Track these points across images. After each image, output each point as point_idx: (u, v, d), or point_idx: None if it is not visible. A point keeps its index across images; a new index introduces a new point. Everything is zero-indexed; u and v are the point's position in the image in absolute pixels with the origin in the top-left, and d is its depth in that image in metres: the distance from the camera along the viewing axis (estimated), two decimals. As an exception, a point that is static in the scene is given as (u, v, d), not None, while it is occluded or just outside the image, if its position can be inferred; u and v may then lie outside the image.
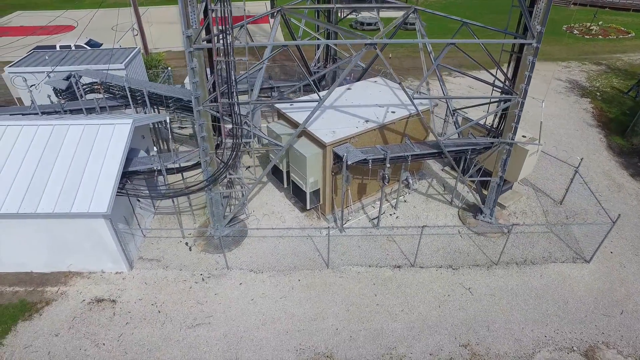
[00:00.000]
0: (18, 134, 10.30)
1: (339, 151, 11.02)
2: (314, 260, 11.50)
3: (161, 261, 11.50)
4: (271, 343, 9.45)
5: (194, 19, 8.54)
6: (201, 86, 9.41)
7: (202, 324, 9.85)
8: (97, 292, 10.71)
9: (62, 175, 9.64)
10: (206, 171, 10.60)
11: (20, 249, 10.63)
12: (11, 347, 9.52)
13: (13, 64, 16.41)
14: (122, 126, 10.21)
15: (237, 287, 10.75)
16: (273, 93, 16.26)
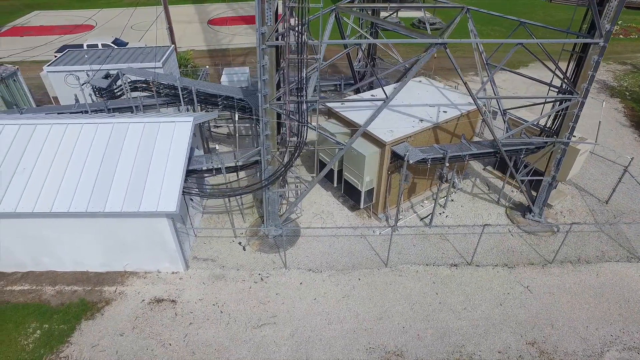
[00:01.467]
0: (79, 132, 10.21)
1: (398, 150, 11.06)
2: (370, 259, 11.51)
3: (216, 261, 11.47)
4: (340, 342, 9.44)
5: (269, 16, 8.52)
6: (270, 84, 9.39)
7: (267, 324, 9.82)
8: (156, 292, 10.64)
9: (126, 174, 9.55)
10: (266, 170, 10.59)
11: (79, 248, 10.52)
12: (79, 346, 9.44)
13: (51, 63, 16.27)
14: (183, 124, 10.14)
15: (298, 286, 10.73)
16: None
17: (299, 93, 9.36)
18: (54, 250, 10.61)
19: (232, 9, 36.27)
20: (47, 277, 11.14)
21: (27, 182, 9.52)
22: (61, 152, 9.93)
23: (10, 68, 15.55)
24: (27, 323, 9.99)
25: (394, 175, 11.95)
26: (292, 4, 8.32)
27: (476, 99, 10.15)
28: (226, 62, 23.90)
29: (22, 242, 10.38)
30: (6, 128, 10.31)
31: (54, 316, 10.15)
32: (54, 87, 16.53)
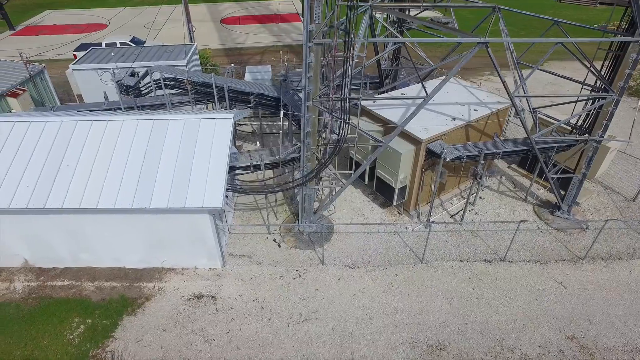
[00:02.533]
0: (119, 129, 10.28)
1: (434, 147, 11.18)
2: (405, 255, 11.62)
3: (252, 257, 11.54)
4: (383, 337, 9.55)
5: (317, 14, 8.61)
6: (314, 81, 9.48)
7: (309, 319, 9.91)
8: (195, 288, 10.72)
9: (169, 170, 9.62)
10: (305, 167, 10.69)
11: (118, 244, 10.60)
12: (124, 341, 9.52)
13: (76, 62, 16.32)
14: (224, 121, 10.21)
15: (336, 282, 10.83)
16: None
17: (342, 90, 9.48)
18: (94, 246, 10.66)
19: (244, 8, 36.38)
20: (86, 273, 11.20)
21: (71, 178, 9.58)
22: (103, 148, 9.99)
23: (37, 66, 15.61)
24: (70, 318, 10.06)
25: (426, 172, 12.13)
26: (340, 2, 8.43)
27: (513, 98, 10.28)
28: (243, 61, 23.98)
29: (63, 238, 10.44)
30: (48, 125, 10.36)
31: (96, 311, 10.24)
32: (79, 85, 16.61)
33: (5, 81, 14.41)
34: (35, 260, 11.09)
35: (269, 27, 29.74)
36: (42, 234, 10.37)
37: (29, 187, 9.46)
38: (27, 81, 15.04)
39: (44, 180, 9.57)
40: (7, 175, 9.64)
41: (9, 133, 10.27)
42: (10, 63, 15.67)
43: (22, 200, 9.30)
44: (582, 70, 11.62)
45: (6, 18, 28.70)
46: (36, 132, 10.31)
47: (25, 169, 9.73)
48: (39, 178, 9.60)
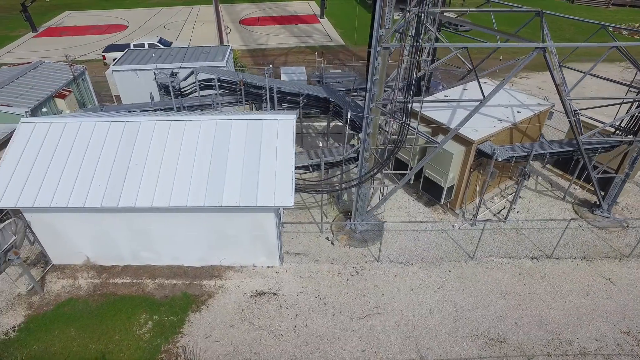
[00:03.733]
0: (183, 129, 10.50)
1: (484, 148, 11.52)
2: (455, 252, 11.95)
3: (308, 255, 11.82)
4: (444, 330, 9.86)
5: (388, 19, 8.89)
6: (379, 84, 9.78)
7: (372, 314, 10.21)
8: (255, 285, 10.98)
9: (237, 169, 9.86)
10: (364, 166, 10.97)
11: (179, 243, 10.84)
12: (193, 337, 9.76)
13: (115, 63, 16.51)
14: (287, 121, 10.48)
15: (393, 278, 11.13)
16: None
17: (406, 93, 9.77)
18: (155, 245, 10.92)
19: (261, 9, 36.64)
20: (146, 271, 11.42)
21: (141, 177, 9.81)
22: (169, 148, 10.21)
23: (79, 68, 15.79)
24: (137, 314, 10.29)
25: (474, 172, 12.48)
26: (412, 8, 8.72)
27: (565, 101, 10.64)
28: (268, 62, 24.26)
29: (126, 236, 10.67)
30: (112, 125, 10.58)
31: (161, 308, 10.46)
32: (118, 86, 16.80)
33: (53, 82, 14.61)
34: (96, 258, 11.31)
35: (288, 28, 30.02)
36: (107, 232, 10.61)
37: (101, 186, 9.68)
38: (71, 82, 15.25)
39: (115, 179, 9.79)
40: (79, 174, 9.86)
41: (76, 133, 10.49)
42: (54, 65, 15.84)
43: (95, 199, 9.52)
44: (612, 71, 12.00)
45: (29, 20, 28.75)
46: (102, 132, 10.51)
47: (95, 168, 9.95)
48: (109, 177, 9.82)
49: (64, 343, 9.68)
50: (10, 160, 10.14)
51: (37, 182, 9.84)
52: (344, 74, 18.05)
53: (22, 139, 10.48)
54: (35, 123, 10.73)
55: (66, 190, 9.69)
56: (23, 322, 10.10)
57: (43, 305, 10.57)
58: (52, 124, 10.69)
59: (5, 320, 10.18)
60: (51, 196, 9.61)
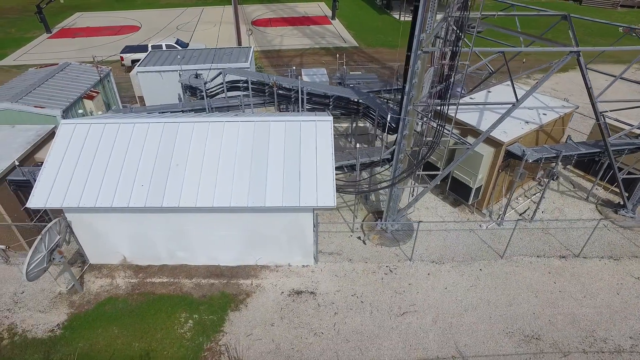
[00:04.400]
0: (222, 130, 10.66)
1: (514, 150, 11.74)
2: (484, 251, 12.15)
3: (342, 254, 12.00)
4: (480, 327, 10.06)
5: (429, 24, 9.09)
6: (417, 87, 9.97)
7: (409, 312, 10.40)
8: (292, 284, 11.15)
9: (278, 170, 10.02)
10: (398, 167, 11.16)
11: (216, 242, 11.01)
12: (234, 335, 9.93)
13: (140, 64, 16.64)
14: (324, 123, 10.65)
15: (426, 277, 11.33)
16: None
17: (443, 96, 9.97)
18: (192, 244, 11.08)
19: (272, 10, 36.79)
20: (182, 271, 11.58)
21: (183, 178, 9.97)
22: (209, 149, 10.37)
23: (105, 69, 15.90)
24: (177, 313, 10.45)
25: (502, 173, 12.69)
26: (453, 14, 8.91)
27: (595, 104, 10.87)
28: (283, 63, 24.44)
29: (165, 236, 10.83)
30: (151, 126, 10.71)
31: (200, 307, 10.63)
32: (142, 87, 16.93)
33: (81, 84, 14.72)
34: (133, 258, 11.46)
35: (301, 30, 30.19)
36: (145, 232, 10.78)
37: (144, 186, 9.83)
38: (98, 83, 15.37)
39: (157, 180, 9.94)
40: (121, 175, 10.02)
41: (116, 134, 10.64)
42: (80, 66, 15.94)
43: (139, 199, 9.67)
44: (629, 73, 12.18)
45: (44, 21, 28.81)
46: (141, 133, 10.66)
47: (137, 169, 10.10)
48: (152, 178, 9.98)
49: (107, 341, 9.84)
50: (53, 162, 10.29)
51: (80, 183, 9.99)
52: (365, 76, 18.27)
53: (64, 140, 10.63)
54: (75, 124, 10.88)
55: (109, 191, 9.85)
56: (66, 320, 10.27)
57: (84, 303, 10.73)
58: (91, 125, 10.84)
59: (49, 318, 10.33)
60: (95, 196, 9.76)
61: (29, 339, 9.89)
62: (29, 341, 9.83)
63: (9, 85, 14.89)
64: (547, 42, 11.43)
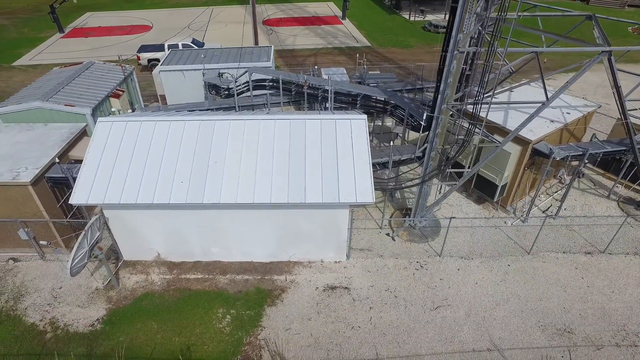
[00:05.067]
0: (258, 128, 10.82)
1: (541, 148, 11.96)
2: (511, 247, 12.37)
3: (372, 250, 12.20)
4: (513, 321, 10.27)
5: (467, 24, 9.28)
6: (452, 86, 10.16)
7: (442, 306, 10.60)
8: (326, 280, 11.32)
9: (316, 167, 10.18)
10: (429, 164, 11.35)
11: (250, 239, 11.17)
12: (273, 330, 10.10)
13: (162, 63, 16.76)
14: (359, 121, 10.83)
15: (457, 272, 11.53)
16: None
17: (477, 95, 10.16)
18: (227, 241, 11.23)
19: (281, 10, 36.98)
20: (216, 267, 11.74)
21: (222, 174, 10.13)
22: (246, 146, 10.53)
23: (128, 68, 16.02)
24: (214, 308, 10.61)
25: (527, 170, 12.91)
26: (490, 14, 9.10)
27: (624, 103, 11.09)
28: (298, 62, 24.63)
29: (200, 233, 10.98)
30: (188, 124, 10.86)
31: (236, 302, 10.79)
32: (164, 86, 17.05)
33: (107, 82, 14.85)
34: (167, 255, 11.60)
35: (312, 29, 30.40)
36: (181, 229, 10.93)
37: (184, 183, 9.99)
38: (122, 82, 15.49)
39: (197, 176, 10.09)
40: (160, 172, 10.18)
41: (153, 132, 10.78)
42: (104, 65, 16.06)
43: (179, 196, 9.82)
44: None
45: (57, 21, 28.87)
46: (178, 131, 10.80)
47: (175, 166, 10.26)
48: (191, 175, 10.14)
49: (148, 335, 9.98)
50: (92, 159, 10.42)
51: (120, 180, 10.12)
52: (383, 75, 18.46)
53: (101, 138, 10.76)
54: (112, 122, 11.01)
55: (150, 188, 10.00)
56: (105, 315, 10.41)
57: (121, 299, 10.88)
58: (128, 122, 11.00)
59: (88, 313, 10.48)
60: (136, 193, 9.90)
61: (71, 333, 10.05)
62: (71, 335, 10.00)
63: (37, 84, 15.02)
64: (574, 42, 11.66)
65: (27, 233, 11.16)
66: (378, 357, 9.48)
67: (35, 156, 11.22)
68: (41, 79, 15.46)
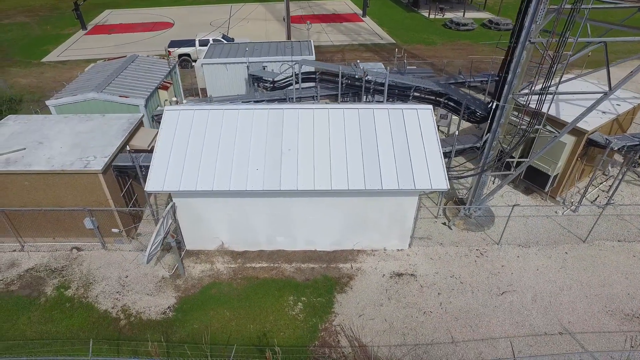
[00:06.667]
0: (327, 116, 10.92)
1: (596, 138, 12.19)
2: (565, 235, 12.57)
3: (432, 239, 12.36)
4: (579, 306, 10.46)
5: (541, 15, 9.46)
6: (520, 77, 10.35)
7: (508, 292, 10.76)
8: (391, 267, 11.45)
9: (389, 154, 10.31)
10: (490, 154, 11.53)
11: (315, 227, 11.24)
12: (346, 316, 10.19)
13: (205, 56, 16.78)
14: (425, 111, 10.99)
15: (516, 259, 11.70)
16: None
17: (543, 85, 10.35)
18: (293, 229, 11.30)
19: (301, 8, 37.11)
20: (280, 256, 11.81)
21: (297, 162, 10.22)
22: (317, 134, 10.62)
23: (172, 61, 16.04)
24: (284, 296, 10.68)
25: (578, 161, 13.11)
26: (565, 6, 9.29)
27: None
28: (326, 59, 24.72)
29: (267, 221, 11.05)
30: (256, 112, 10.92)
31: (306, 290, 10.87)
32: (206, 79, 17.09)
33: (155, 75, 14.87)
34: (230, 244, 11.65)
35: (335, 27, 30.58)
36: (247, 217, 10.99)
37: (259, 170, 10.07)
38: (168, 75, 15.51)
39: (271, 164, 10.17)
40: (233, 159, 10.25)
41: (222, 120, 10.83)
42: (148, 58, 16.08)
43: (256, 182, 9.90)
44: None
45: (80, 18, 28.75)
46: (247, 119, 10.86)
47: (248, 153, 10.34)
48: (265, 162, 10.23)
49: (222, 323, 10.03)
50: (163, 147, 10.45)
51: (194, 167, 10.17)
52: (421, 70, 18.68)
53: (170, 126, 10.80)
54: (179, 111, 11.05)
55: (224, 175, 10.05)
56: (176, 303, 10.43)
57: (189, 287, 10.91)
58: (196, 111, 11.05)
59: (159, 301, 10.50)
60: (211, 180, 9.96)
61: (144, 320, 10.08)
62: (144, 322, 10.02)
63: (85, 77, 15.01)
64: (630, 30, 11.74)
65: (92, 222, 11.21)
66: (454, 341, 9.66)
67: (100, 145, 11.25)
68: (88, 72, 15.45)
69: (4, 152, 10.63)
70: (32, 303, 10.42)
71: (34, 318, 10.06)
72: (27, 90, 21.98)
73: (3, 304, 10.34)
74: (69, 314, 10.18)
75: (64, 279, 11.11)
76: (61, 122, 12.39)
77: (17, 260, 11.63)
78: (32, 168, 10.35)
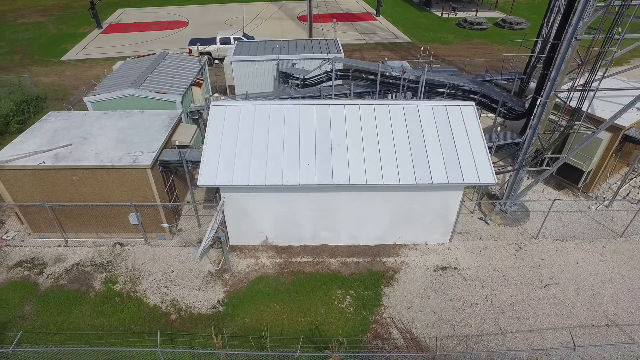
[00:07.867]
0: (373, 111, 11.04)
1: (633, 134, 12.41)
2: (601, 230, 12.78)
3: (470, 233, 12.51)
4: (623, 299, 10.66)
5: (589, 12, 9.64)
6: (562, 73, 10.53)
7: (551, 284, 10.95)
8: (434, 261, 11.59)
9: (436, 149, 10.46)
10: (527, 150, 11.71)
11: (360, 222, 11.36)
12: (395, 309, 10.32)
13: (233, 54, 16.84)
14: (468, 107, 11.14)
15: (555, 253, 11.89)
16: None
17: (586, 82, 10.54)
18: (338, 224, 11.39)
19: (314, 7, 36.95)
20: (324, 250, 11.91)
21: (347, 156, 10.33)
22: (365, 129, 10.76)
23: (202, 58, 16.08)
24: (332, 290, 10.79)
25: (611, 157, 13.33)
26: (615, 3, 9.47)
27: None
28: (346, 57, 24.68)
29: (312, 216, 11.15)
30: (303, 108, 11.03)
31: (353, 284, 10.98)
32: (235, 76, 17.14)
33: (187, 72, 14.92)
34: (274, 239, 11.74)
35: (350, 26, 30.70)
36: (293, 212, 11.08)
37: (310, 165, 10.17)
38: (199, 72, 15.56)
39: (322, 158, 10.28)
40: (284, 154, 10.34)
41: (269, 115, 10.92)
42: (178, 55, 16.12)
43: (309, 177, 9.99)
44: None
45: (96, 17, 28.67)
46: (293, 114, 10.97)
47: (299, 148, 10.42)
48: (316, 157, 10.32)
49: (273, 316, 10.12)
50: (212, 142, 10.53)
51: (245, 162, 10.25)
52: (447, 69, 18.86)
53: (217, 121, 10.87)
54: (225, 106, 11.13)
55: (276, 169, 10.15)
56: (225, 298, 10.52)
57: (236, 282, 10.98)
58: (242, 106, 11.13)
59: (207, 296, 10.57)
60: (263, 174, 10.05)
61: (195, 314, 10.15)
62: (195, 316, 10.10)
63: (118, 74, 15.02)
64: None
65: (137, 217, 11.25)
66: (502, 332, 9.83)
67: (145, 140, 11.29)
68: (120, 69, 15.45)
69: (52, 148, 10.68)
70: (82, 297, 10.48)
71: (86, 312, 10.11)
72: (50, 88, 21.93)
73: (55, 298, 10.40)
74: (120, 308, 10.25)
75: (110, 274, 11.17)
76: (102, 118, 12.40)
77: (63, 255, 11.68)
78: (82, 163, 10.43)
